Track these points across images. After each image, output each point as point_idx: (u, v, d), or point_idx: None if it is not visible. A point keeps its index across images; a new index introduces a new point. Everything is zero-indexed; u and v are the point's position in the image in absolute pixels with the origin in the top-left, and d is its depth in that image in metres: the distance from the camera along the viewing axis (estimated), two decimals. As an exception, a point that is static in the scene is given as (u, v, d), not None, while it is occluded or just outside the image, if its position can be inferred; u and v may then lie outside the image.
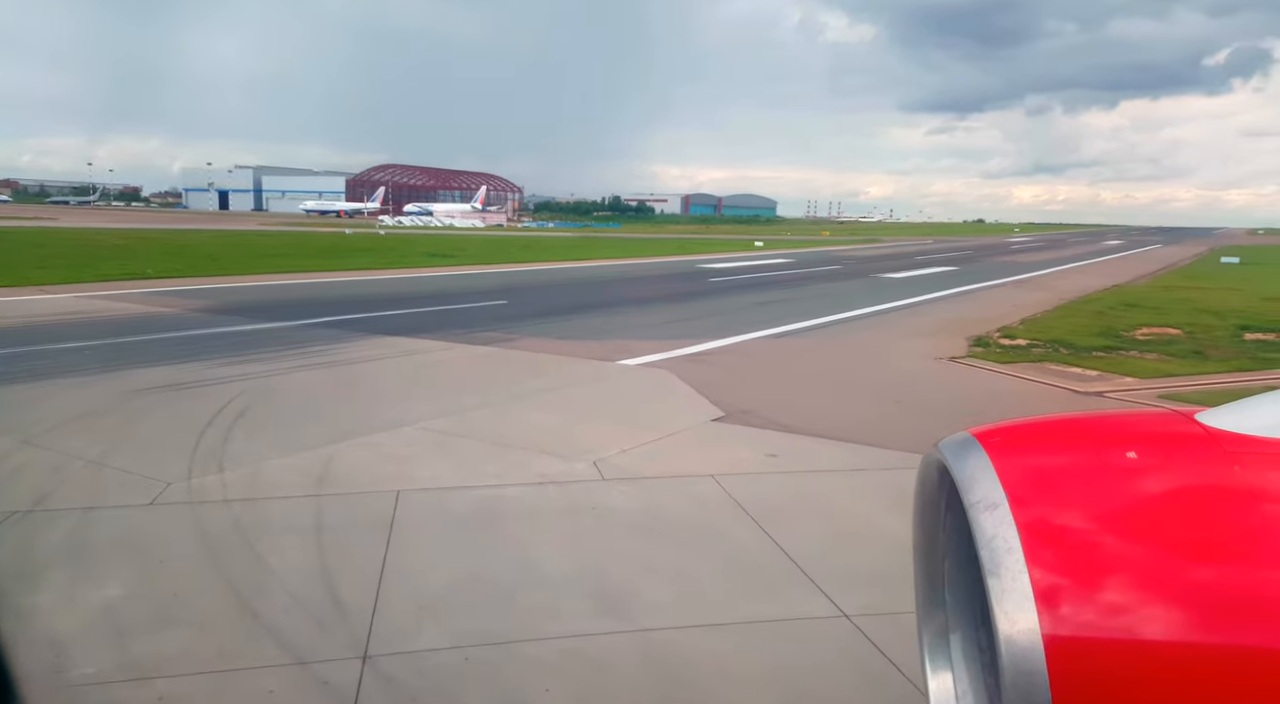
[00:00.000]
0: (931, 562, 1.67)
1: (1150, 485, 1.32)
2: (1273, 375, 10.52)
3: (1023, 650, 1.16)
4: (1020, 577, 1.19)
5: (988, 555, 1.23)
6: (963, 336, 13.55)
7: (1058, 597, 1.18)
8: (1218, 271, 32.42)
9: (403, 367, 10.34)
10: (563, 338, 12.84)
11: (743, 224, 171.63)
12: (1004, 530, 1.24)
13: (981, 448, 1.39)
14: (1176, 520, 1.25)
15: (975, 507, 1.30)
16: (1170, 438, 1.41)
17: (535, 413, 7.90)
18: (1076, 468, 1.37)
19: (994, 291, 22.58)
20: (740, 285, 23.39)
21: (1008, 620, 1.17)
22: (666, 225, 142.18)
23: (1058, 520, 1.27)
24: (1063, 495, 1.32)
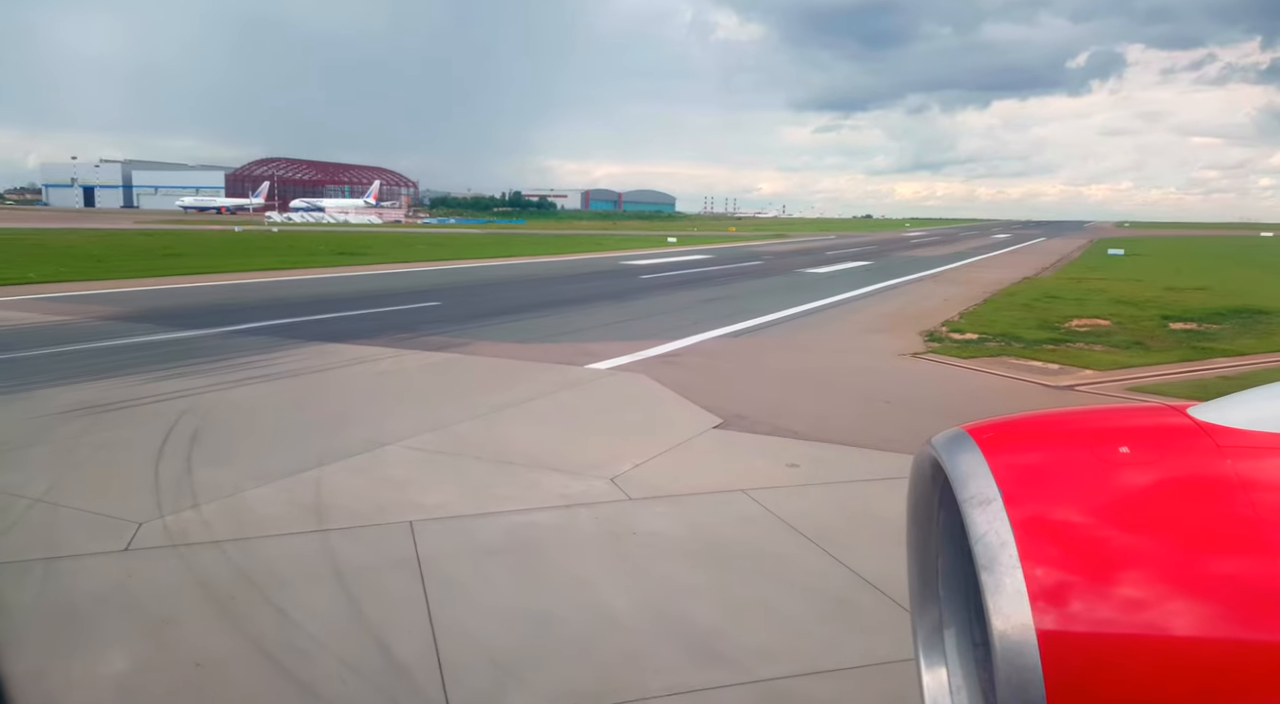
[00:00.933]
0: (925, 558, 1.67)
1: (1143, 480, 1.32)
2: (1216, 364, 10.96)
3: (1016, 645, 1.15)
4: (1014, 572, 1.19)
5: (981, 551, 1.23)
6: (913, 332, 13.68)
7: (1051, 592, 1.18)
8: (1110, 263, 34.25)
9: (357, 377, 9.59)
10: (517, 341, 12.27)
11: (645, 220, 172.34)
12: (997, 526, 1.24)
13: (975, 444, 1.39)
14: (1170, 515, 1.25)
15: (969, 502, 1.29)
16: (1163, 433, 1.40)
17: (524, 425, 7.39)
18: (1070, 463, 1.36)
19: (917, 286, 23.09)
20: (674, 283, 23.16)
21: (1001, 616, 1.17)
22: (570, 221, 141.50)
23: (1051, 516, 1.27)
24: (1056, 491, 1.32)
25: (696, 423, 7.47)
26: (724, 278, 25.08)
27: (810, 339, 13.17)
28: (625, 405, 8.35)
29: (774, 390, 9.22)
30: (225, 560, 4.56)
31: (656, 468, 6.17)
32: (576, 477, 5.94)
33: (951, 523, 1.53)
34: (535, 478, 5.93)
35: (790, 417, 7.80)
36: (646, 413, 8.02)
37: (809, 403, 8.61)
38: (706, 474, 6.07)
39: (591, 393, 8.91)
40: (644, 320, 15.12)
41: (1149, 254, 42.08)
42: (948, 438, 1.47)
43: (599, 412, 8.08)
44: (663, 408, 8.16)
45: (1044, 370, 10.49)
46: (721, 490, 5.69)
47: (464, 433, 7.11)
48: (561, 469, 6.11)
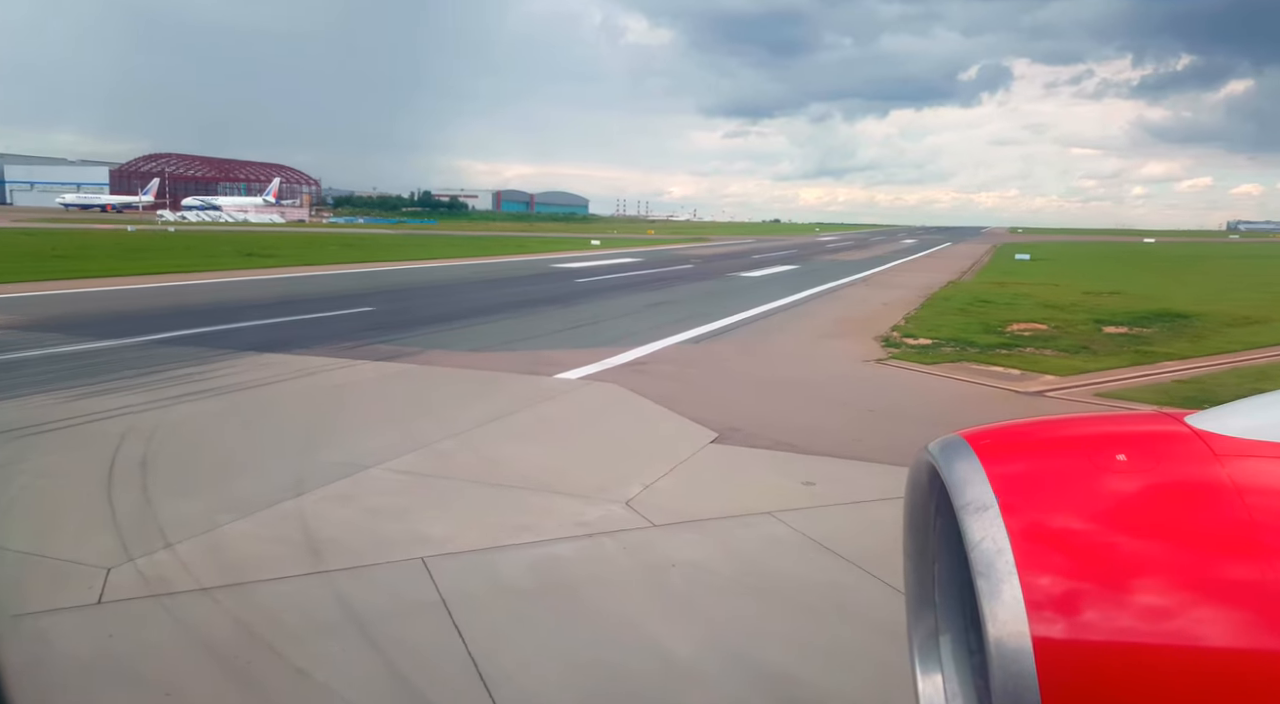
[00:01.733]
0: (922, 564, 1.66)
1: (1141, 488, 1.31)
2: (1164, 368, 11.29)
3: (1012, 652, 1.15)
4: (1010, 579, 1.19)
5: (977, 557, 1.23)
6: (867, 337, 13.71)
7: (1047, 599, 1.18)
8: (1021, 267, 35.61)
9: (310, 391, 8.89)
10: (471, 350, 11.69)
11: (560, 221, 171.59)
12: (994, 533, 1.24)
13: (971, 450, 1.39)
14: (1167, 523, 1.25)
15: (965, 509, 1.29)
16: (1160, 441, 1.40)
17: (511, 443, 6.91)
18: (1067, 470, 1.36)
19: (851, 291, 23.37)
20: (612, 286, 22.78)
21: (997, 622, 1.17)
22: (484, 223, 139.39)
23: (1048, 523, 1.27)
24: (1053, 498, 1.31)
25: (692, 437, 7.14)
26: (660, 282, 24.86)
27: (770, 345, 13.03)
28: (610, 419, 7.95)
29: (755, 400, 8.97)
30: (221, 612, 3.98)
31: (668, 489, 5.81)
32: (587, 501, 5.53)
33: (948, 529, 1.54)
34: (543, 503, 5.49)
35: (782, 429, 7.55)
36: (635, 427, 7.65)
37: (794, 413, 8.39)
38: (723, 495, 5.74)
39: (570, 405, 8.47)
40: (596, 326, 14.71)
41: (1052, 259, 43.99)
42: (944, 444, 1.46)
43: (585, 426, 7.66)
44: (650, 421, 7.80)
45: (1006, 376, 10.59)
46: (745, 514, 5.37)
47: (448, 452, 6.59)
48: (568, 492, 5.69)
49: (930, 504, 1.59)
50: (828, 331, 14.59)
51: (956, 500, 1.33)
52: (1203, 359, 12.08)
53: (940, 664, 1.63)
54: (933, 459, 1.47)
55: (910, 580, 1.70)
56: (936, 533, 1.62)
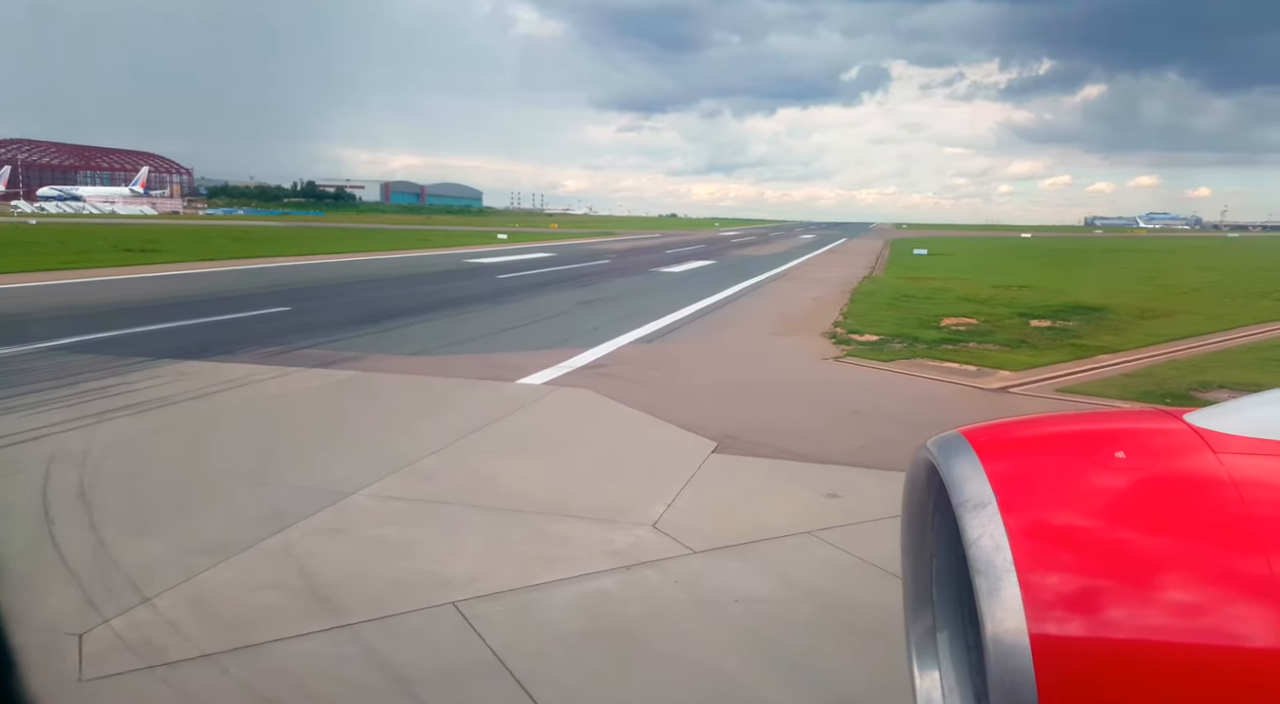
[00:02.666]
0: (920, 561, 1.65)
1: (1139, 485, 1.31)
2: (1103, 361, 11.64)
3: (1009, 649, 1.15)
4: (1008, 575, 1.19)
5: (976, 555, 1.23)
6: (813, 334, 13.65)
7: (1045, 595, 1.18)
8: (924, 262, 36.73)
9: (249, 404, 8.05)
10: (414, 353, 10.96)
11: (455, 214, 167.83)
12: (992, 529, 1.24)
13: (970, 447, 1.39)
14: (1165, 520, 1.25)
15: (963, 506, 1.29)
16: (1159, 438, 1.41)
17: (499, 459, 6.36)
18: (1065, 467, 1.36)
19: (777, 287, 23.42)
20: (538, 283, 22.09)
21: (994, 619, 1.17)
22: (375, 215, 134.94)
23: (1046, 520, 1.27)
24: (1051, 495, 1.31)
25: (690, 447, 6.75)
26: (585, 278, 24.32)
27: (723, 344, 12.77)
28: (596, 428, 7.47)
29: (733, 403, 8.66)
30: (235, 684, 3.35)
31: (691, 508, 5.41)
32: (611, 525, 5.06)
33: (946, 526, 1.53)
34: (562, 529, 5.00)
35: (774, 434, 7.27)
36: (626, 437, 7.20)
37: (779, 417, 8.12)
38: (750, 513, 5.38)
39: (546, 414, 7.93)
40: (536, 326, 14.12)
41: (947, 254, 45.62)
42: (943, 441, 1.46)
43: (572, 437, 7.16)
44: (640, 430, 7.37)
45: (964, 372, 10.65)
46: (784, 534, 5.02)
47: (434, 473, 5.99)
48: (585, 515, 5.21)
49: (928, 501, 1.59)
50: (774, 329, 14.46)
51: (955, 497, 1.33)
52: (1135, 352, 12.52)
53: (938, 661, 1.62)
54: (931, 456, 1.46)
55: (908, 577, 1.69)
56: (934, 530, 1.61)
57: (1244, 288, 25.64)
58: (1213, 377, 10.22)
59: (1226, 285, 26.63)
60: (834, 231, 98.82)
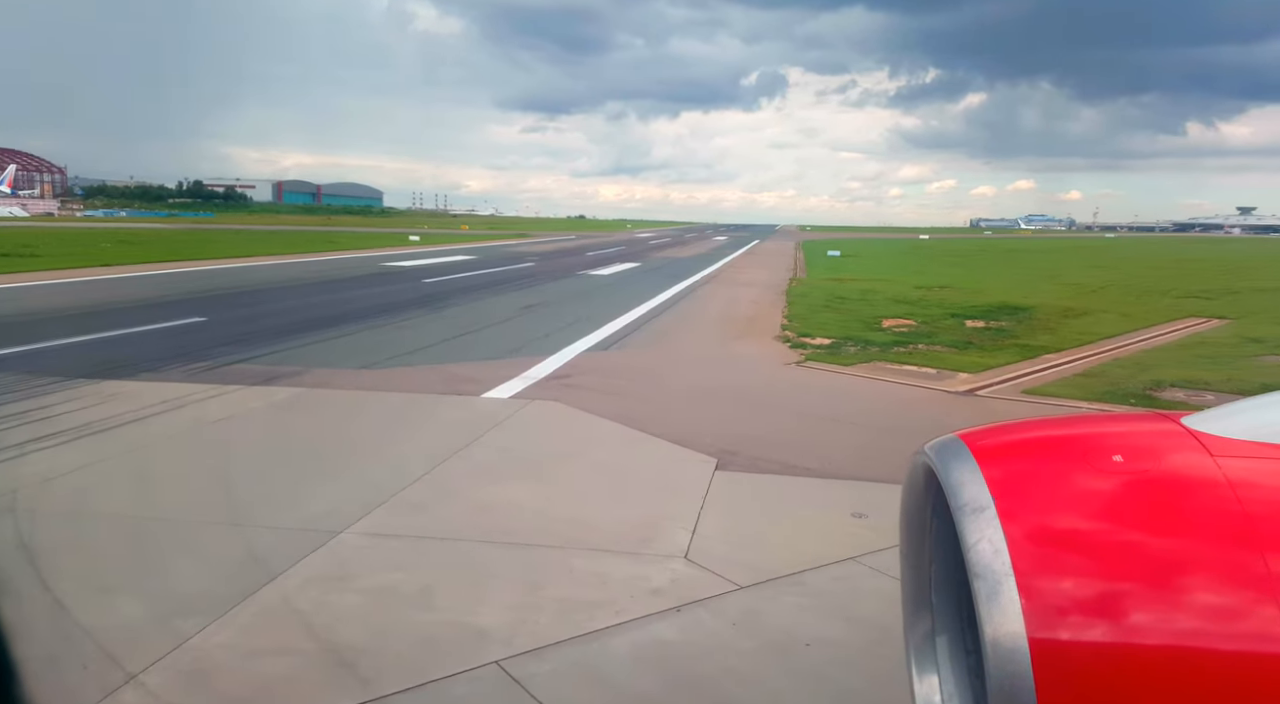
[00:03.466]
0: (919, 565, 1.65)
1: (1137, 489, 1.31)
2: (1050, 361, 11.87)
3: (1008, 653, 1.15)
4: (1006, 579, 1.18)
5: (974, 558, 1.22)
6: (766, 338, 13.53)
7: (1044, 599, 1.17)
8: (841, 263, 37.43)
9: (190, 429, 7.27)
10: (360, 366, 10.24)
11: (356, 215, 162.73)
12: (990, 533, 1.23)
13: (968, 451, 1.38)
14: (1163, 524, 1.25)
15: (962, 510, 1.29)
16: (1157, 442, 1.40)
17: (491, 485, 5.86)
18: (1064, 471, 1.35)
19: (711, 289, 23.21)
20: (468, 288, 21.29)
21: (993, 623, 1.17)
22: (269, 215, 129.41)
23: (1045, 524, 1.27)
24: (1050, 499, 1.31)
25: (690, 465, 6.41)
26: (516, 282, 23.63)
27: (680, 350, 12.47)
28: (582, 446, 7.03)
29: (711, 413, 8.34)
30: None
31: (717, 534, 5.06)
32: (638, 558, 4.67)
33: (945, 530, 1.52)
34: (588, 565, 4.57)
35: (766, 445, 7.00)
36: (618, 455, 6.79)
37: (763, 427, 7.85)
38: (781, 538, 5.07)
39: (525, 431, 7.43)
40: (484, 334, 13.50)
41: (858, 255, 46.69)
42: (941, 445, 1.45)
43: (560, 457, 6.70)
44: (631, 447, 6.97)
45: (924, 375, 10.66)
46: (827, 562, 4.72)
47: (425, 503, 5.46)
48: (607, 548, 4.80)
49: (927, 505, 1.57)
50: (726, 333, 14.26)
51: (953, 501, 1.32)
52: (1076, 352, 12.85)
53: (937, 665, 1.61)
54: (929, 460, 1.44)
55: (907, 581, 1.67)
56: (933, 534, 1.60)
57: (1141, 286, 27.07)
58: (1161, 375, 10.52)
59: (1126, 284, 28.04)
60: (744, 233, 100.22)
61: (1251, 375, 10.63)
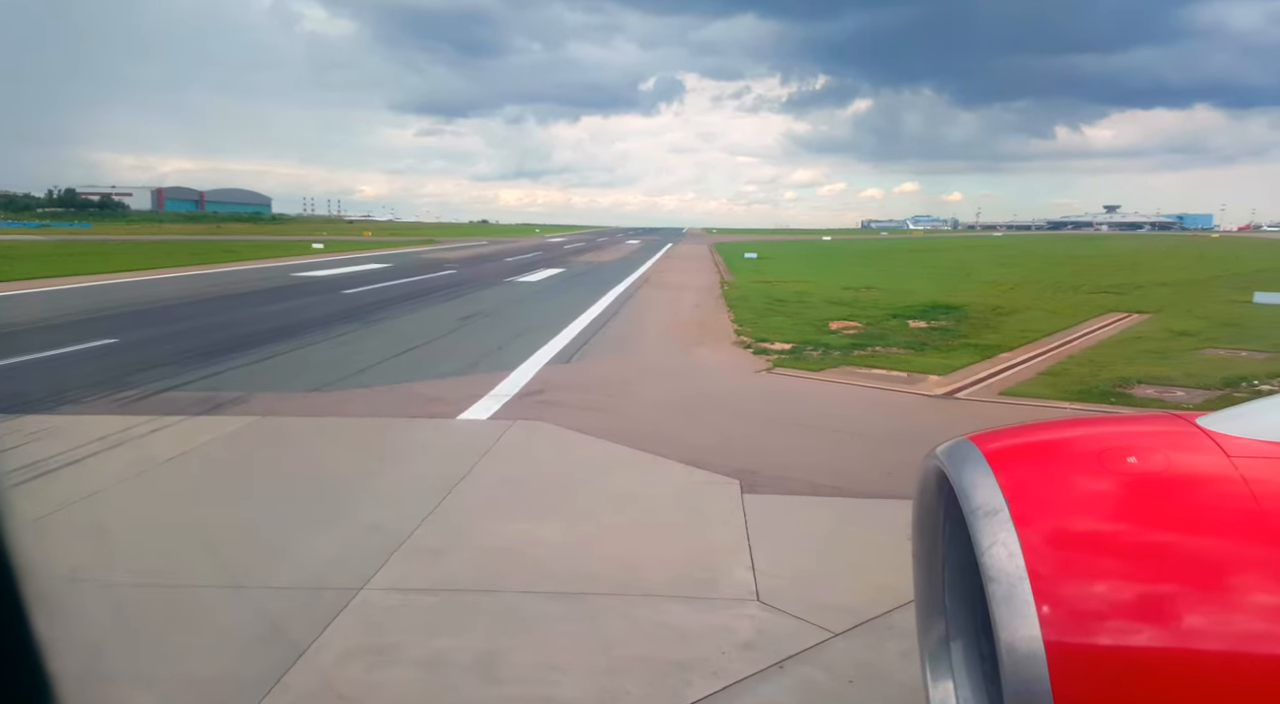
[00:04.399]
0: (932, 569, 1.63)
1: (1153, 490, 1.28)
2: (1006, 360, 12.00)
3: (1025, 658, 1.13)
4: (1021, 583, 1.16)
5: (988, 562, 1.20)
6: (725, 344, 13.27)
7: (1060, 603, 1.15)
8: (764, 265, 37.57)
9: (144, 469, 6.41)
10: (312, 389, 9.42)
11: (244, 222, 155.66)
12: (1004, 536, 1.21)
13: (980, 453, 1.37)
14: (1180, 526, 1.23)
15: (975, 513, 1.27)
16: (1173, 443, 1.38)
17: (507, 522, 5.31)
18: (1077, 473, 1.33)
19: (647, 294, 22.70)
20: (395, 299, 20.23)
21: (1009, 628, 1.15)
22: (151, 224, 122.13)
23: (1059, 526, 1.25)
24: (1064, 501, 1.29)
25: (714, 489, 6.00)
26: (443, 291, 22.67)
27: (645, 360, 12.03)
28: (590, 471, 6.52)
29: (705, 428, 7.95)
30: None
31: (779, 570, 4.64)
32: (707, 605, 4.23)
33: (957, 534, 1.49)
34: (655, 615, 4.10)
35: (782, 463, 6.68)
36: (632, 479, 6.31)
37: (764, 441, 7.50)
38: (850, 571, 4.68)
39: (520, 457, 6.86)
40: (429, 348, 12.73)
41: (774, 257, 47.10)
42: (952, 447, 1.43)
43: (572, 485, 6.17)
44: (642, 470, 6.50)
45: (896, 379, 10.57)
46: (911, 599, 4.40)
47: (442, 548, 4.87)
48: (668, 593, 4.34)
49: (939, 509, 1.53)
50: (682, 340, 13.91)
51: (965, 504, 1.30)
52: (1026, 350, 13.02)
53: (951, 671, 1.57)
54: (940, 463, 1.42)
55: (920, 586, 1.65)
56: (945, 537, 1.56)
57: (1051, 282, 28.16)
58: (1122, 372, 10.71)
59: (1036, 281, 29.13)
60: (654, 237, 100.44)
61: (1204, 368, 10.96)
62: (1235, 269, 37.49)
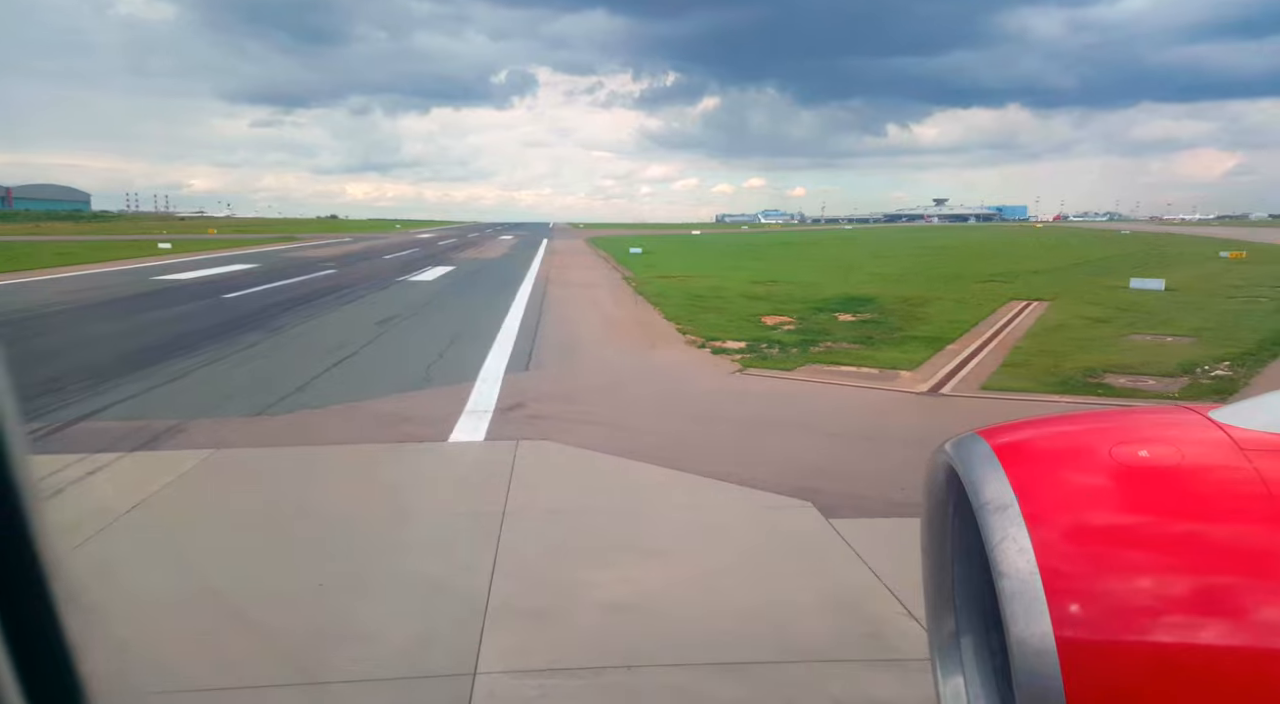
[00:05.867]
0: (941, 565, 1.64)
1: (1166, 484, 1.28)
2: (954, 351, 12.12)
3: (1036, 654, 1.13)
4: (1032, 579, 1.16)
5: (998, 557, 1.21)
6: (677, 344, 12.80)
7: (1071, 599, 1.15)
8: (654, 260, 37.05)
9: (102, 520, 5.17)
10: (256, 414, 8.19)
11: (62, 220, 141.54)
12: (1014, 532, 1.22)
13: (989, 447, 1.37)
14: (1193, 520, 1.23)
15: (984, 508, 1.27)
16: (1185, 436, 1.38)
17: (590, 569, 4.55)
18: (1088, 467, 1.33)
19: (558, 293, 21.53)
20: (286, 303, 18.37)
21: (1020, 624, 1.15)
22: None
23: (1070, 520, 1.25)
24: (1075, 495, 1.29)
25: (791, 514, 5.43)
26: (338, 292, 20.88)
27: (608, 365, 11.29)
28: (641, 499, 5.80)
29: (716, 440, 7.37)
30: None
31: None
32: (900, 669, 3.68)
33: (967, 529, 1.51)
34: (853, 693, 3.51)
35: (830, 475, 6.24)
36: (695, 508, 5.66)
37: (801, 452, 7.03)
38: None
39: (549, 485, 6.05)
40: (359, 359, 11.49)
41: (660, 252, 46.67)
42: (960, 442, 1.44)
43: (630, 515, 5.46)
44: (696, 494, 5.86)
45: (868, 375, 10.38)
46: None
47: (539, 610, 4.10)
48: (839, 656, 3.73)
49: (948, 504, 1.55)
50: (632, 342, 13.26)
51: (975, 499, 1.30)
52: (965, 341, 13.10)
53: (962, 667, 1.58)
54: (949, 458, 1.44)
55: (929, 582, 1.65)
56: (955, 533, 1.57)
57: (935, 273, 29.27)
58: (1080, 362, 10.96)
59: (920, 271, 30.17)
60: (525, 232, 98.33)
61: (1148, 356, 11.36)
62: (1085, 256, 40.44)
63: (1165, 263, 33.35)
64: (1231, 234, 68.23)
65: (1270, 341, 12.10)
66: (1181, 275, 25.34)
